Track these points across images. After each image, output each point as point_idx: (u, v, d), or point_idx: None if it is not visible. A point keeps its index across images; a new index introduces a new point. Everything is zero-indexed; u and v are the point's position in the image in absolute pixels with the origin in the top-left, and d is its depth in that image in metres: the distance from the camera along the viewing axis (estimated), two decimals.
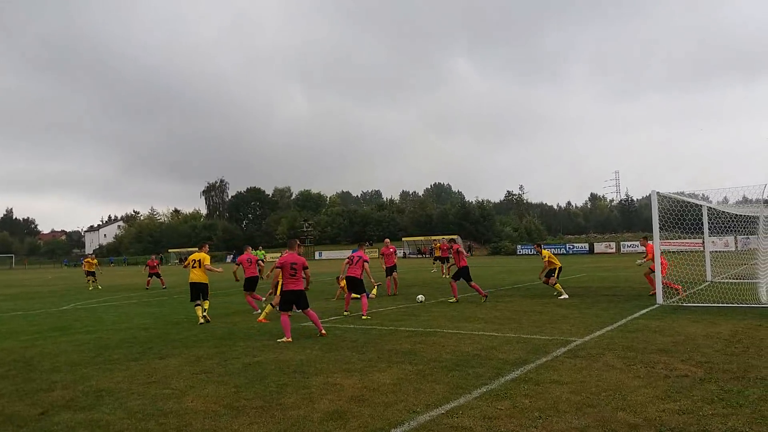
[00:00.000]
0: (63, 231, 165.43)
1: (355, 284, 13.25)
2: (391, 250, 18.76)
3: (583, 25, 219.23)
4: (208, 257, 12.64)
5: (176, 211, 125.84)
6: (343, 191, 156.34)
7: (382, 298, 16.42)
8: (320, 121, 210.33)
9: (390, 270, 18.08)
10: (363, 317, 12.09)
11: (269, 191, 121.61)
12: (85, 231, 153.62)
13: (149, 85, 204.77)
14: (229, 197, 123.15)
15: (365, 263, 13.33)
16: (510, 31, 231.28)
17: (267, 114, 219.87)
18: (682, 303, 12.92)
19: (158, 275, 25.90)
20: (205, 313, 12.21)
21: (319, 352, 8.38)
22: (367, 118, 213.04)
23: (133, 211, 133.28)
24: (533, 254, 53.94)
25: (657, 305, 12.74)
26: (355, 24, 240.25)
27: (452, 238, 24.03)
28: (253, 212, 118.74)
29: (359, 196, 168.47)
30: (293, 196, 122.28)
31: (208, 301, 12.52)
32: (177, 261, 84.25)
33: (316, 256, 77.42)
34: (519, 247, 68.38)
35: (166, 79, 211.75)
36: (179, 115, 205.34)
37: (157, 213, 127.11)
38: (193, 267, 12.45)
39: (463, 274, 14.98)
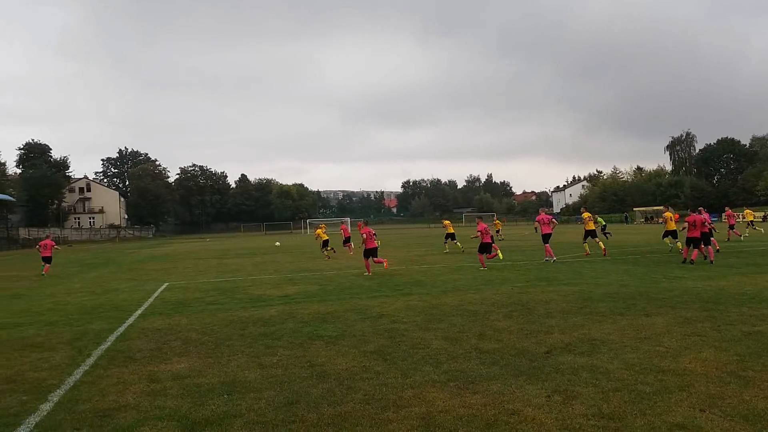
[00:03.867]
0: (533, 192, 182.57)
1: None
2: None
3: None
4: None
5: (639, 168, 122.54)
6: None
7: None
8: None
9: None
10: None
11: (745, 141, 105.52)
12: (552, 191, 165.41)
13: (603, 46, 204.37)
14: (697, 151, 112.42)
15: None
16: None
17: (738, 56, 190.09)
18: None
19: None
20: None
21: None
22: None
23: (596, 170, 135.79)
24: None
25: None
26: None
27: None
28: (726, 166, 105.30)
29: None
30: None
31: None
32: (642, 220, 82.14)
33: None
34: None
35: (621, 36, 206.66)
36: (636, 70, 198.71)
37: (620, 171, 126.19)
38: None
39: None
